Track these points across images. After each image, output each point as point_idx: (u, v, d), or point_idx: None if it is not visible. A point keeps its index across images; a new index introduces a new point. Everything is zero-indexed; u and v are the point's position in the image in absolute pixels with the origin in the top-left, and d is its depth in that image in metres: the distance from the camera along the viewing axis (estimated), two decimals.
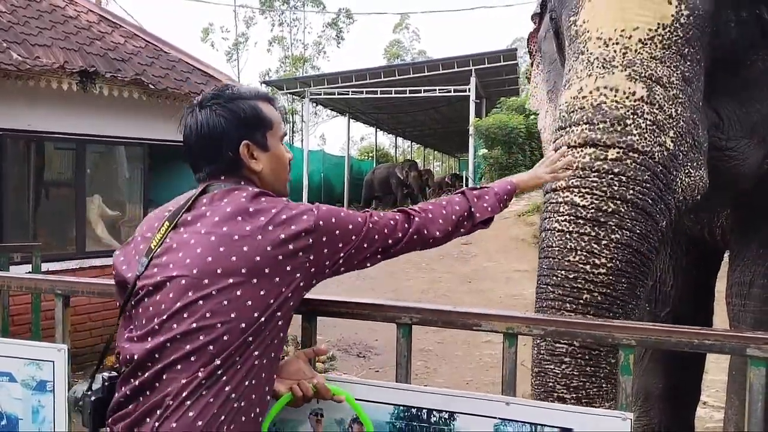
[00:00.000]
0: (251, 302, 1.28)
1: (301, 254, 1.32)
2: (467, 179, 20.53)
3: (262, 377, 1.32)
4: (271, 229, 1.30)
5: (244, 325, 1.27)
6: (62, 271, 5.39)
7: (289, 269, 1.31)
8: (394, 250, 1.48)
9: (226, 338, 1.26)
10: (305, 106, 21.60)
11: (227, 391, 1.26)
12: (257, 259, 1.28)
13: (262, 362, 1.31)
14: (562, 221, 1.87)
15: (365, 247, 1.42)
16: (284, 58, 41.07)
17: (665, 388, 3.04)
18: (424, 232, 1.50)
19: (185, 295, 1.28)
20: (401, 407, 1.48)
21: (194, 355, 1.25)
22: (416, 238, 1.49)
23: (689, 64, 1.95)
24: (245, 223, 1.31)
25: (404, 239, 1.48)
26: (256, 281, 1.28)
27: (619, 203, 1.84)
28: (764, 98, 2.14)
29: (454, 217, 1.55)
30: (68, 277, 2.17)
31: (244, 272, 1.28)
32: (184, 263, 1.30)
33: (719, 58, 2.04)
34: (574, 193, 1.88)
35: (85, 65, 5.44)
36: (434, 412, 1.45)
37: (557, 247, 1.87)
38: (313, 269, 1.36)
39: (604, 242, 1.82)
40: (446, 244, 1.59)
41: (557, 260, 1.86)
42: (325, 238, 1.35)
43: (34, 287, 2.07)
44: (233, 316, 1.26)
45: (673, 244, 2.89)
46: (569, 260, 1.84)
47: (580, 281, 1.82)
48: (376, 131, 31.79)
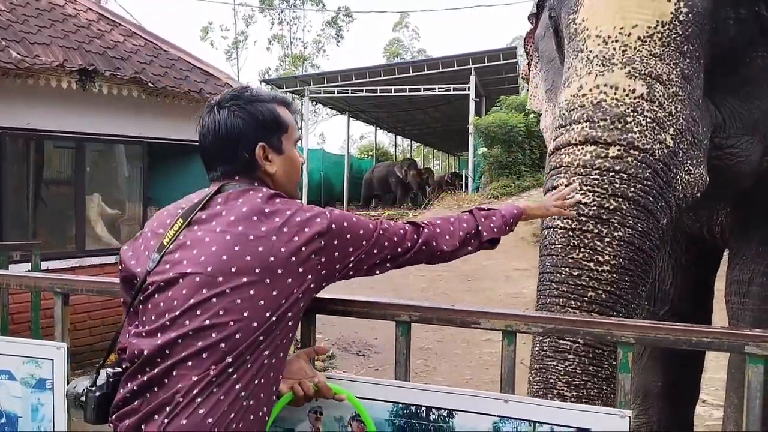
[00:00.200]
0: (264, 302, 1.29)
1: (313, 256, 1.34)
2: (467, 178, 20.52)
3: (270, 376, 1.33)
4: (285, 230, 1.32)
5: (256, 324, 1.28)
6: (62, 269, 5.38)
7: (301, 271, 1.33)
8: (402, 259, 1.51)
9: (238, 336, 1.27)
10: (305, 104, 21.58)
11: (237, 389, 1.27)
12: (271, 259, 1.30)
13: (271, 361, 1.32)
14: (564, 218, 1.87)
15: (375, 252, 1.45)
16: (284, 56, 41.10)
17: (664, 386, 3.04)
18: (432, 243, 1.53)
19: (199, 292, 1.29)
20: (400, 405, 1.48)
21: (206, 352, 1.26)
22: (424, 249, 1.52)
23: (689, 61, 1.95)
24: (261, 223, 1.33)
25: (413, 249, 1.51)
26: (269, 281, 1.29)
27: (620, 200, 1.84)
28: (764, 95, 2.14)
29: (461, 233, 1.58)
30: (67, 275, 2.17)
31: (257, 272, 1.29)
32: (198, 260, 1.31)
33: (719, 55, 2.04)
34: (576, 190, 1.88)
35: (84, 63, 5.44)
36: (433, 409, 1.46)
37: (560, 244, 1.87)
38: (324, 272, 1.38)
39: (607, 239, 1.82)
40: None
41: (561, 257, 1.85)
42: (336, 241, 1.37)
43: (33, 285, 2.07)
44: (246, 315, 1.27)
45: (672, 242, 2.89)
46: (573, 257, 1.84)
47: (584, 278, 1.82)
48: (375, 130, 31.80)
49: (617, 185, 1.84)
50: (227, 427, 1.25)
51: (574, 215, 1.84)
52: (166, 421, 1.25)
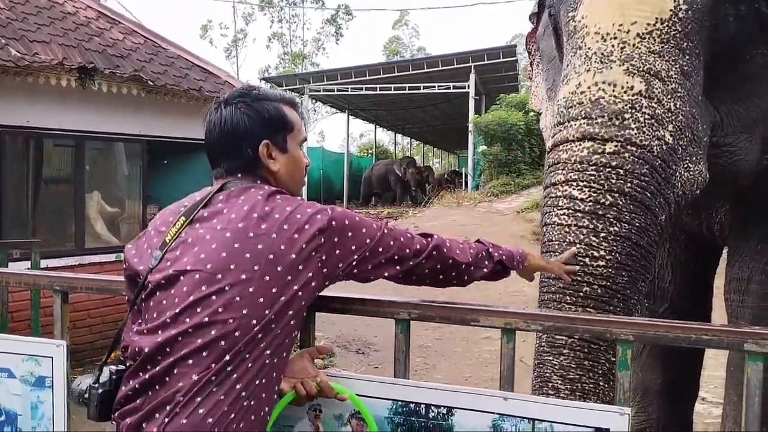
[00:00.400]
0: (263, 299, 1.29)
1: (313, 254, 1.34)
2: (466, 176, 20.51)
3: (272, 377, 1.33)
4: (286, 228, 1.32)
5: (255, 321, 1.28)
6: (61, 267, 5.38)
7: (301, 268, 1.33)
8: (413, 263, 1.48)
9: (237, 334, 1.27)
10: (304, 102, 21.56)
11: (238, 389, 1.27)
12: (270, 256, 1.30)
13: (273, 361, 1.32)
14: (561, 215, 1.87)
15: (380, 251, 1.43)
16: (283, 54, 41.04)
17: (663, 383, 3.04)
18: (443, 249, 1.52)
19: (198, 289, 1.29)
20: (400, 402, 1.48)
21: (206, 350, 1.26)
22: (435, 254, 1.51)
23: (688, 58, 1.95)
24: (261, 221, 1.33)
25: (424, 253, 1.49)
26: (268, 278, 1.29)
27: (617, 196, 1.83)
28: (764, 93, 2.14)
29: (472, 250, 1.58)
30: (67, 273, 2.17)
31: (257, 269, 1.29)
32: (198, 258, 1.32)
33: (718, 52, 2.04)
34: (572, 186, 1.88)
35: (83, 61, 5.43)
36: (433, 407, 1.46)
37: (557, 240, 1.87)
38: (325, 270, 1.37)
39: (602, 235, 1.82)
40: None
41: (557, 254, 1.86)
42: (337, 238, 1.37)
43: (32, 283, 2.07)
44: (245, 312, 1.27)
45: (671, 239, 2.89)
46: None
47: (579, 274, 1.81)
48: (375, 128, 31.76)
49: (613, 181, 1.84)
50: (227, 427, 1.25)
51: (571, 272, 1.80)
52: (166, 420, 1.25)
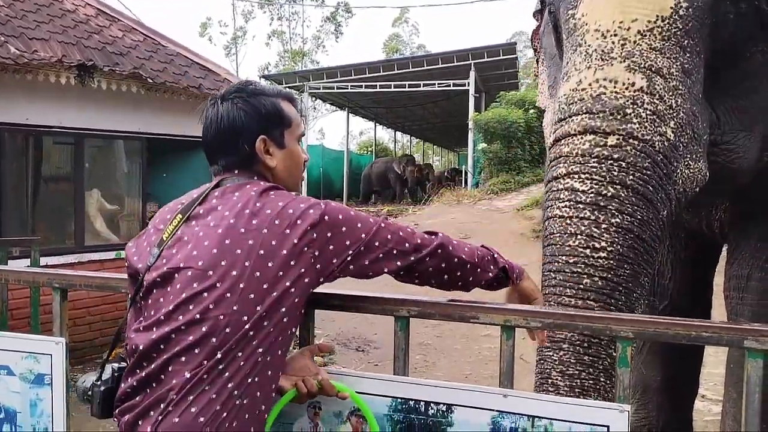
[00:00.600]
0: (254, 295, 1.28)
1: (306, 249, 1.32)
2: (466, 173, 20.51)
3: (266, 374, 1.32)
4: (277, 223, 1.31)
5: (245, 317, 1.27)
6: (61, 265, 5.38)
7: (293, 264, 1.31)
8: (414, 258, 1.44)
9: (228, 330, 1.26)
10: (304, 100, 21.54)
11: (230, 387, 1.26)
12: (261, 252, 1.29)
13: (266, 359, 1.30)
14: (562, 207, 1.85)
15: (376, 245, 1.40)
16: (283, 52, 41.01)
17: (663, 380, 3.04)
18: (449, 248, 1.48)
19: (191, 286, 1.29)
20: (399, 400, 1.48)
21: (198, 347, 1.26)
22: (440, 252, 1.47)
23: (689, 56, 1.94)
24: (252, 216, 1.31)
25: (427, 249, 1.45)
26: (259, 274, 1.28)
27: (618, 188, 1.82)
28: (763, 90, 2.13)
29: (479, 252, 1.55)
30: (66, 270, 2.17)
31: (247, 265, 1.28)
32: (191, 255, 1.31)
33: (718, 50, 2.03)
34: (573, 178, 1.86)
35: (83, 59, 5.42)
36: (432, 404, 1.45)
37: (558, 233, 1.85)
38: (318, 266, 1.35)
39: (604, 226, 1.80)
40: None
41: (558, 246, 1.84)
42: (330, 233, 1.35)
43: (31, 281, 2.07)
44: (235, 308, 1.27)
45: (671, 237, 2.89)
46: (569, 245, 1.82)
47: (579, 266, 1.79)
48: (375, 126, 31.74)
49: (615, 172, 1.83)
50: (219, 426, 1.24)
51: (546, 340, 1.78)
52: (159, 418, 1.25)
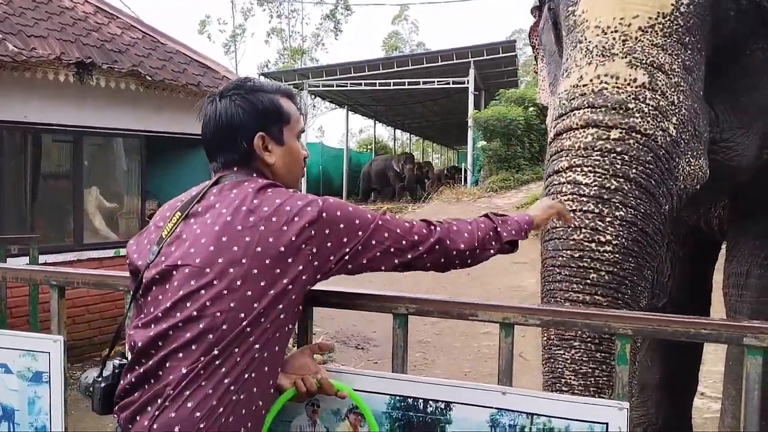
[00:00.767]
0: (251, 292, 1.28)
1: (303, 246, 1.31)
2: (466, 171, 20.51)
3: (263, 371, 1.31)
4: (274, 220, 1.30)
5: (243, 315, 1.27)
6: (60, 263, 5.38)
7: (291, 261, 1.30)
8: (413, 255, 1.43)
9: (224, 327, 1.26)
10: (303, 98, 21.55)
11: (226, 383, 1.26)
12: (258, 249, 1.28)
13: (262, 355, 1.30)
14: (565, 200, 1.83)
15: (374, 244, 1.39)
16: (282, 50, 40.94)
17: (662, 377, 3.05)
18: (446, 242, 1.45)
19: (188, 283, 1.29)
20: (398, 397, 1.47)
21: (195, 343, 1.26)
22: (438, 248, 1.44)
23: (690, 53, 1.93)
24: (249, 213, 1.31)
25: (424, 245, 1.43)
26: (256, 272, 1.28)
27: (622, 181, 1.81)
28: (764, 88, 2.13)
29: (479, 233, 1.50)
30: (65, 268, 2.17)
31: (244, 262, 1.28)
32: (188, 252, 1.31)
33: (719, 47, 2.03)
34: (576, 171, 1.85)
35: (81, 56, 5.41)
36: (431, 402, 1.45)
37: (561, 226, 1.83)
38: (316, 263, 1.34)
39: (608, 219, 1.79)
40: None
41: (562, 240, 1.82)
42: (327, 230, 1.34)
43: (29, 278, 2.06)
44: (232, 305, 1.26)
45: (671, 234, 2.89)
46: (574, 239, 1.80)
47: (585, 260, 1.78)
48: (374, 123, 31.74)
49: (618, 166, 1.82)
50: (215, 421, 1.24)
51: (570, 218, 1.78)
52: (156, 413, 1.25)
